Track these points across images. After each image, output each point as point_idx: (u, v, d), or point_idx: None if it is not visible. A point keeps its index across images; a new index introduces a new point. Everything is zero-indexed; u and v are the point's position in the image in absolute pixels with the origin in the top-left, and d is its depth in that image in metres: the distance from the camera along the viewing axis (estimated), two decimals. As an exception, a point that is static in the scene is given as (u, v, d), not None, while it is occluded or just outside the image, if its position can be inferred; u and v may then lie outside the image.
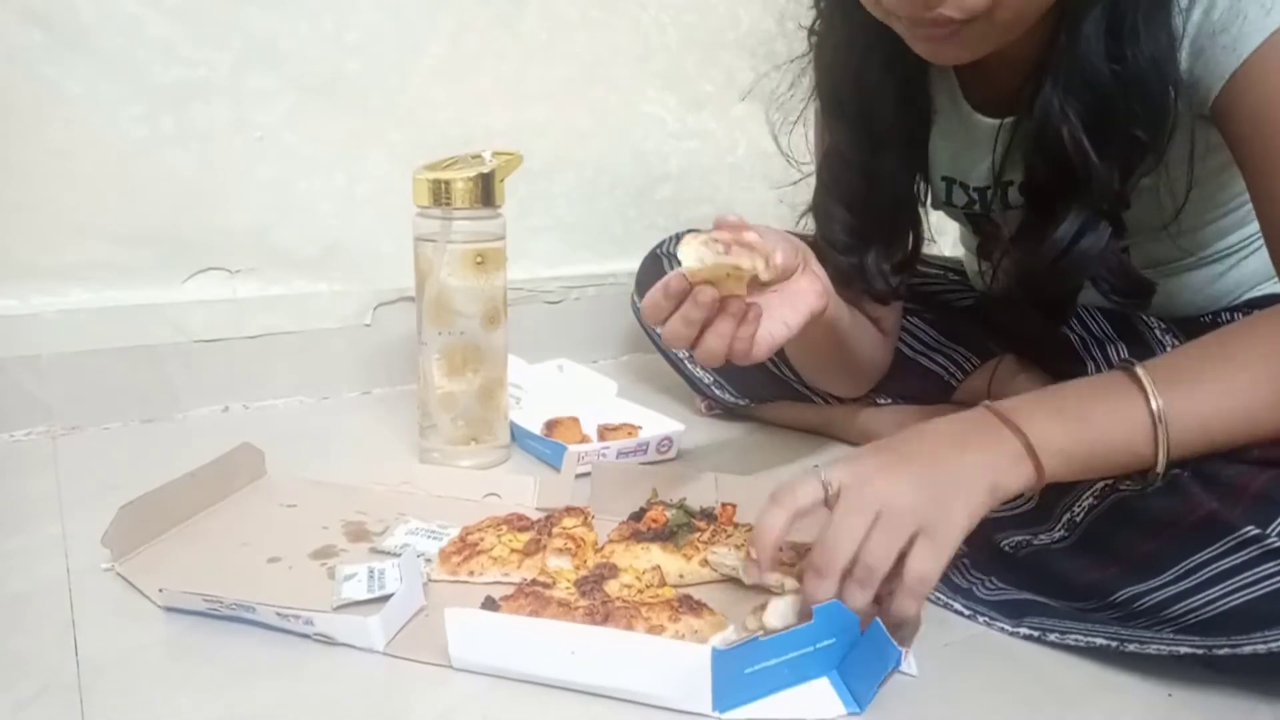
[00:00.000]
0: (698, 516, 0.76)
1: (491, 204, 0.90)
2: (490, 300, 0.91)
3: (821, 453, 1.01)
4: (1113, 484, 0.65)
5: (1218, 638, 0.57)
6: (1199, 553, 0.60)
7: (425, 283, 0.91)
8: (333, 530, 0.78)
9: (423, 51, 1.17)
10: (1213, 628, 0.58)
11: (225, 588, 0.64)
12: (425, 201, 0.89)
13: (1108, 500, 0.66)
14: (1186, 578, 0.60)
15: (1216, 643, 0.57)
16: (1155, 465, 0.61)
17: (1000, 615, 0.67)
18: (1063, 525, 0.69)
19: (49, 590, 0.69)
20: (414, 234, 0.91)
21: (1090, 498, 0.67)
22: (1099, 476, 0.65)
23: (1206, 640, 0.58)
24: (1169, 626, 0.60)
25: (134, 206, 1.05)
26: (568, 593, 0.65)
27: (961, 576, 0.72)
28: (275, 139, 1.10)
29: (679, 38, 1.34)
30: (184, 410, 1.09)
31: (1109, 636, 0.61)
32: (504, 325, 0.94)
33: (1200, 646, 0.58)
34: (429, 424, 0.94)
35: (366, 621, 0.60)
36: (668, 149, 1.38)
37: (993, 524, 0.74)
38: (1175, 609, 0.60)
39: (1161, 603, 0.61)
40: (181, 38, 1.04)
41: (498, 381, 0.95)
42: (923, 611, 0.58)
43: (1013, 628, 0.66)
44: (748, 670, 0.55)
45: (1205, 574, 0.59)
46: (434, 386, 0.92)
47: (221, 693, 0.57)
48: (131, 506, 0.72)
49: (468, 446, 0.94)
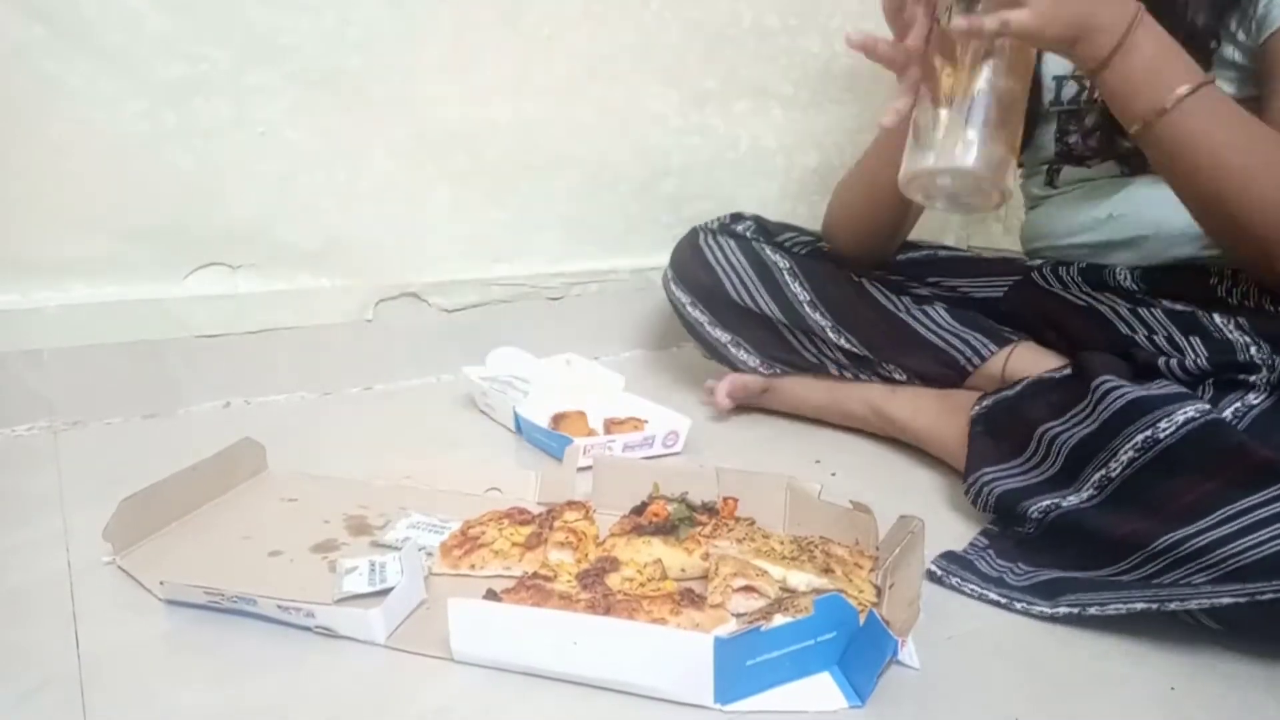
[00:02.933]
0: (699, 510, 0.76)
1: None
2: None
3: (824, 449, 1.01)
4: (1152, 434, 0.67)
5: (1260, 582, 0.57)
6: (1245, 498, 0.61)
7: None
8: (334, 524, 0.78)
9: (425, 47, 1.17)
10: (1254, 572, 0.58)
11: (226, 581, 0.64)
12: None
13: (1152, 450, 0.67)
14: (1230, 522, 0.61)
15: (1259, 587, 0.57)
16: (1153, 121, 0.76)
17: (1036, 598, 0.67)
18: (1092, 485, 0.70)
19: (50, 584, 0.69)
20: None
21: (1131, 450, 0.68)
22: (1124, 89, 0.77)
23: (1249, 586, 0.57)
24: (1210, 573, 0.60)
25: (136, 202, 1.05)
26: (569, 586, 0.65)
27: (990, 566, 0.72)
28: (277, 134, 1.10)
29: (681, 33, 1.34)
30: (185, 405, 1.09)
31: (1148, 600, 0.61)
32: None
33: (1243, 594, 0.57)
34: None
35: (368, 614, 0.60)
36: (670, 145, 1.37)
37: (1022, 491, 0.75)
38: (1217, 554, 0.60)
39: (1204, 547, 0.61)
40: (183, 33, 1.03)
41: None
42: (920, 602, 0.58)
43: (1051, 608, 0.66)
44: (749, 662, 0.55)
45: (1250, 518, 0.60)
46: None
47: (223, 685, 0.57)
48: (132, 500, 0.72)
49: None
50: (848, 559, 0.69)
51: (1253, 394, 0.72)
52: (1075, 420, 0.74)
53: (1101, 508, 0.69)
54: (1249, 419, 0.70)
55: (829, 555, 0.69)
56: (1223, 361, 0.74)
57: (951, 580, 0.70)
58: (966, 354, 0.96)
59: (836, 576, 0.66)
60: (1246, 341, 0.78)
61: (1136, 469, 0.68)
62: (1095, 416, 0.72)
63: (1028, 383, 0.83)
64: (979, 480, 0.80)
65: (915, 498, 0.88)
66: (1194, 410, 0.66)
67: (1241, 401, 0.71)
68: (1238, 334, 0.79)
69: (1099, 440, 0.71)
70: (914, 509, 0.71)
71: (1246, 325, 0.80)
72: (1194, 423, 0.66)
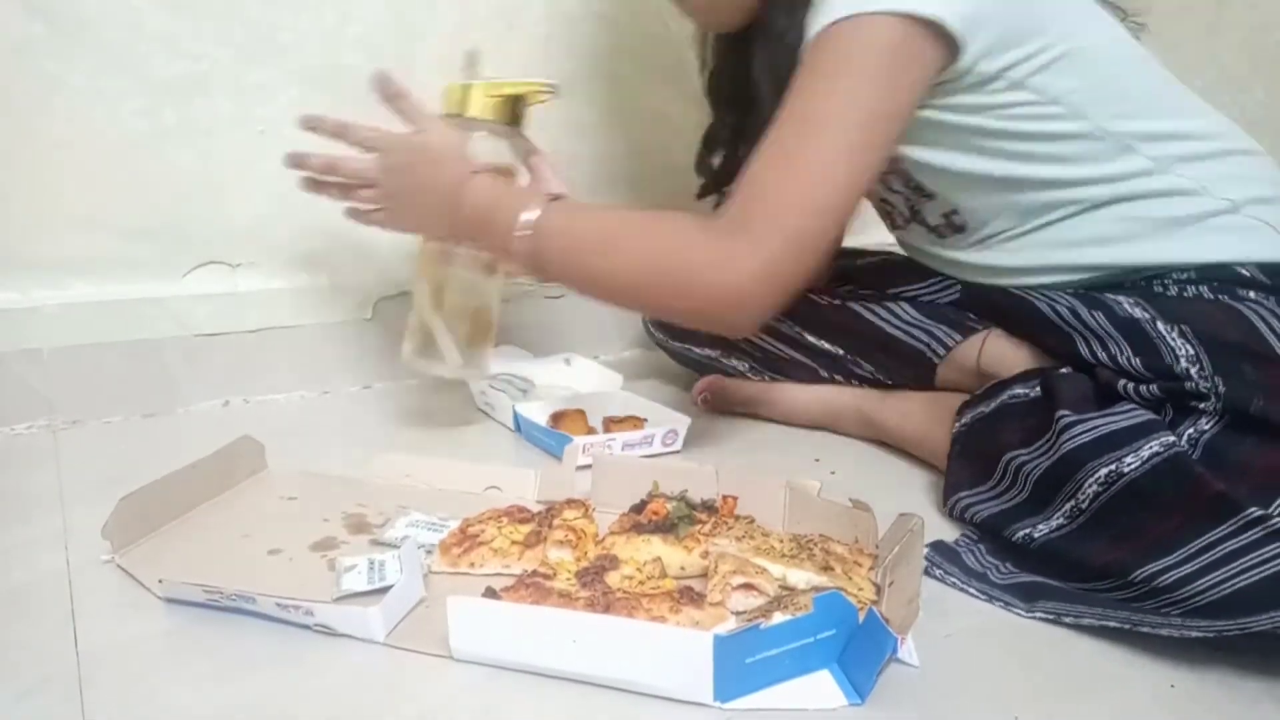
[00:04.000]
0: (699, 509, 0.76)
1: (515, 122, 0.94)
2: None
3: (823, 448, 1.01)
4: (1116, 468, 0.67)
5: (1225, 621, 0.58)
6: (1207, 533, 0.61)
7: None
8: (333, 522, 0.78)
9: (425, 45, 1.17)
10: (1220, 610, 0.58)
11: (226, 579, 0.64)
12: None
13: (1117, 484, 0.67)
14: (1195, 558, 0.61)
15: (1225, 626, 0.57)
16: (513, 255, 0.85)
17: (1015, 599, 0.67)
18: (1062, 514, 0.70)
19: (49, 582, 0.69)
20: None
21: (1095, 485, 0.68)
22: (481, 243, 0.90)
23: (1216, 624, 0.58)
24: (1179, 609, 0.61)
25: (135, 200, 1.05)
26: (568, 584, 0.65)
27: (976, 561, 0.73)
28: (277, 133, 1.10)
29: (682, 30, 1.34)
30: (185, 404, 1.09)
31: (1121, 621, 0.62)
32: None
33: (1210, 630, 0.58)
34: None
35: (367, 612, 0.60)
36: (671, 143, 1.37)
37: (1000, 516, 0.75)
38: (1185, 590, 0.61)
39: (1174, 583, 0.61)
40: (183, 31, 1.03)
41: None
42: (920, 600, 0.58)
43: (1027, 612, 0.66)
44: (749, 660, 0.55)
45: (1213, 555, 0.60)
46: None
47: (222, 683, 0.57)
48: (132, 498, 0.72)
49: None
50: (847, 557, 0.69)
51: (1204, 419, 0.70)
52: (1039, 451, 0.74)
53: (1073, 536, 0.70)
54: (1201, 446, 0.69)
55: (828, 553, 0.69)
56: (1172, 389, 0.72)
57: (935, 571, 0.71)
58: (932, 345, 0.96)
59: (836, 574, 0.66)
60: (1192, 355, 0.74)
61: (1104, 501, 0.68)
62: (1057, 449, 0.72)
63: (1001, 400, 0.83)
64: (956, 504, 0.81)
65: (914, 496, 0.88)
66: (1159, 445, 0.66)
67: (1194, 428, 0.70)
68: (1181, 343, 0.75)
69: (1061, 470, 0.71)
70: (913, 507, 0.71)
71: (1190, 333, 0.76)
72: (1158, 457, 0.66)
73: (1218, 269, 0.83)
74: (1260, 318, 0.78)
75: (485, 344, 1.00)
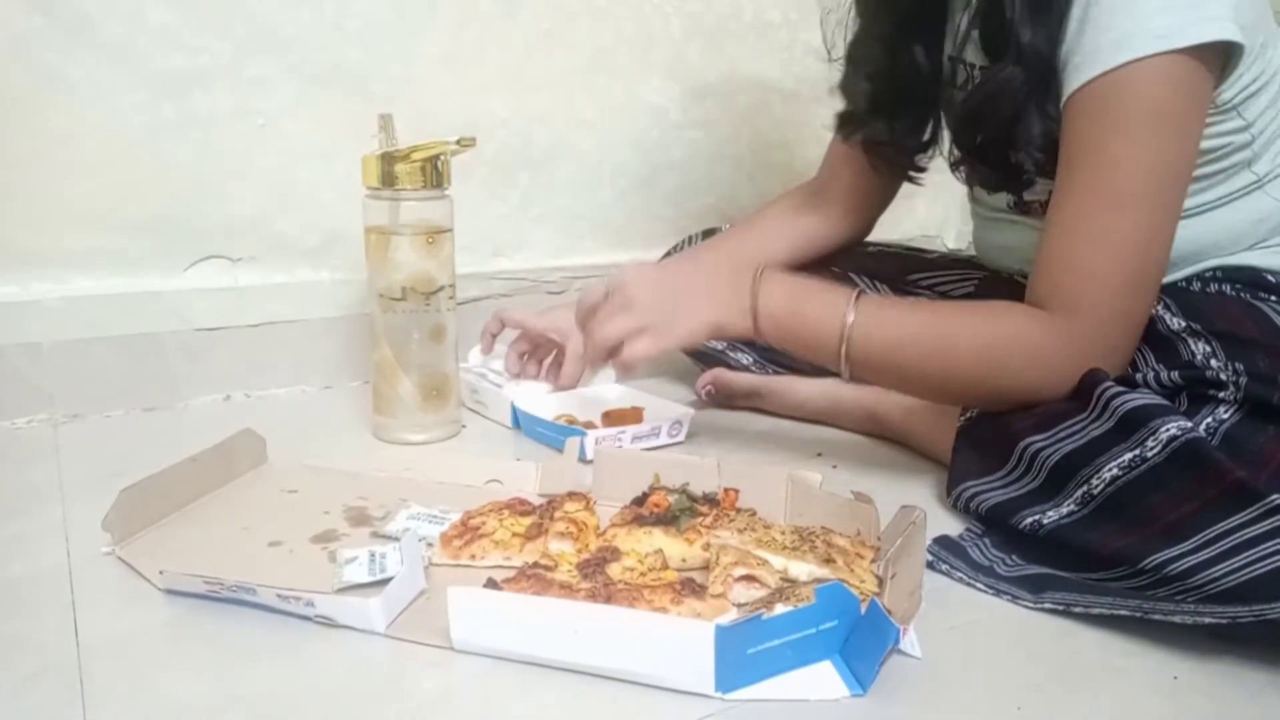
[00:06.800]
0: (700, 501, 0.76)
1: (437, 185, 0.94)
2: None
3: (826, 441, 1.01)
4: (1140, 453, 0.67)
5: (1240, 607, 0.57)
6: (1224, 520, 0.61)
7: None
8: (334, 515, 0.78)
9: (425, 40, 1.17)
10: (1235, 597, 0.58)
11: (226, 570, 0.64)
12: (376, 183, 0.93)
13: (1135, 471, 0.67)
14: (1211, 545, 0.61)
15: (1239, 611, 0.57)
16: (839, 364, 0.81)
17: (1022, 590, 0.67)
18: (1074, 500, 0.70)
19: (50, 574, 0.69)
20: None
21: (1115, 469, 0.68)
22: (800, 352, 0.85)
23: (1229, 609, 0.58)
24: (1193, 594, 0.60)
25: (135, 194, 1.05)
26: (569, 576, 0.65)
27: (982, 554, 0.72)
28: (277, 127, 1.10)
29: (682, 27, 1.34)
30: (185, 399, 1.09)
31: (1132, 609, 0.61)
32: None
33: (1224, 617, 0.58)
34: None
35: (367, 603, 0.60)
36: (671, 139, 1.37)
37: (1007, 504, 0.75)
38: (1199, 577, 0.60)
39: (1187, 570, 0.61)
40: (183, 25, 1.03)
41: None
42: (921, 592, 0.58)
43: (1035, 603, 0.66)
44: (751, 651, 0.55)
45: (1229, 542, 0.60)
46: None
47: (222, 674, 0.57)
48: (132, 490, 0.71)
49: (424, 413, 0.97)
50: (849, 549, 0.69)
51: (1222, 408, 0.71)
52: (1061, 435, 0.73)
53: (1083, 523, 0.69)
54: (1220, 434, 0.69)
55: (830, 545, 0.69)
56: (1192, 377, 0.73)
57: (941, 566, 0.71)
58: None
59: (838, 566, 0.66)
60: (1209, 351, 0.76)
61: (1119, 486, 0.68)
62: (1100, 424, 0.71)
63: None
64: (961, 493, 0.80)
65: (917, 488, 0.88)
66: (1176, 428, 0.66)
67: (1213, 416, 0.70)
68: (1199, 341, 0.77)
69: (1085, 455, 0.70)
70: (915, 500, 0.71)
71: (1206, 328, 0.77)
72: (1176, 441, 0.65)
73: (1247, 271, 0.83)
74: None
75: (448, 404, 0.99)
